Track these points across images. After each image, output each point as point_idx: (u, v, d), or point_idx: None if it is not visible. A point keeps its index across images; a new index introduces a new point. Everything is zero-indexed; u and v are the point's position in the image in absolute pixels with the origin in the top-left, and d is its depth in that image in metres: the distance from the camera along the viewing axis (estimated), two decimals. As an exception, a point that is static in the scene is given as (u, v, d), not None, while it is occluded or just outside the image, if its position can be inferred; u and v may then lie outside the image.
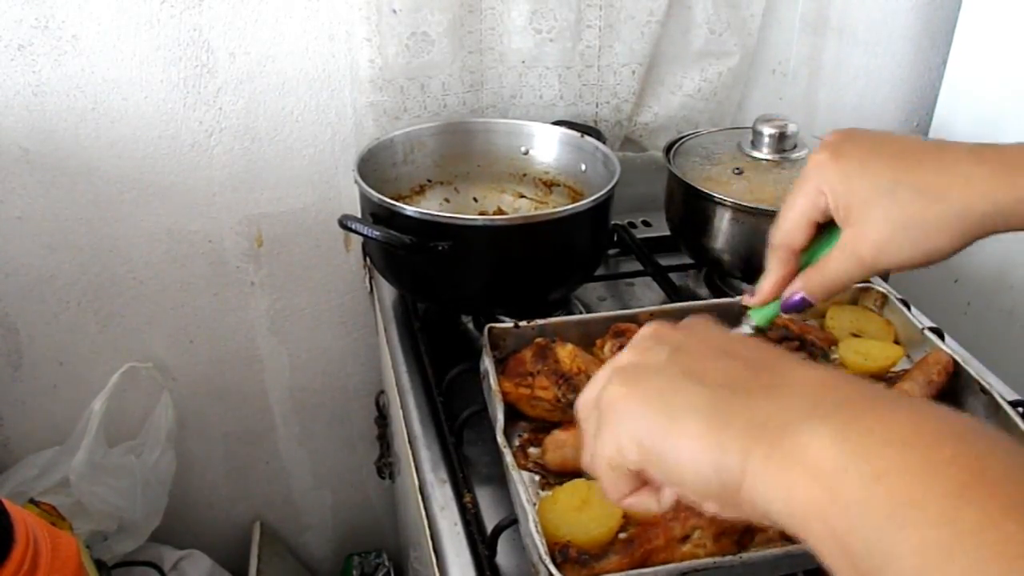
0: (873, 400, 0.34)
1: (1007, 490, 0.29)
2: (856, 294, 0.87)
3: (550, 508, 0.63)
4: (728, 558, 0.57)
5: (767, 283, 0.59)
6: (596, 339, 0.79)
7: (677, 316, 0.79)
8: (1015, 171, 0.51)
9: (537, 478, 0.69)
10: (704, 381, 0.38)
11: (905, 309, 0.84)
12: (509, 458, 0.64)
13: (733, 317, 0.78)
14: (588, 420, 0.44)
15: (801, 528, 0.33)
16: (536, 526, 0.57)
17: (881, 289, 0.86)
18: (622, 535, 0.61)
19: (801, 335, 0.79)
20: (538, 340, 0.76)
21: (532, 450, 0.72)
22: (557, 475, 0.68)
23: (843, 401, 0.34)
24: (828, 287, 0.57)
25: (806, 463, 0.32)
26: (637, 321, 0.79)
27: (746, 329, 0.61)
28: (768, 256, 0.60)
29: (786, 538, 0.60)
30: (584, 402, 0.45)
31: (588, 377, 0.71)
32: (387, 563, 1.48)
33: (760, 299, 0.60)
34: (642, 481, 0.42)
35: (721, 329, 0.45)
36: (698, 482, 0.36)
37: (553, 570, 0.55)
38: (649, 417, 0.38)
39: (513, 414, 0.72)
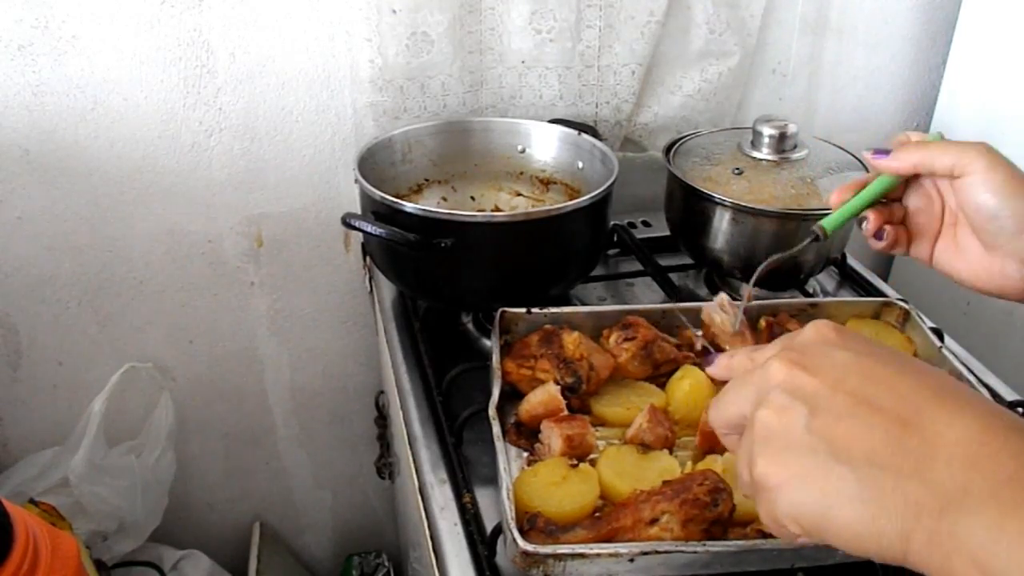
0: None
1: None
2: (878, 309, 0.85)
3: (529, 480, 0.65)
4: (692, 544, 0.57)
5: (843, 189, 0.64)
6: (604, 330, 0.79)
7: (689, 313, 0.80)
8: None
9: (525, 455, 0.71)
10: (851, 459, 0.37)
11: (924, 324, 0.82)
12: (496, 429, 0.67)
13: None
14: (729, 438, 0.47)
15: None
16: (509, 492, 0.60)
17: (904, 306, 0.84)
18: (597, 516, 0.62)
19: None
20: (546, 326, 0.78)
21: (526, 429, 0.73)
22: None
23: (1000, 483, 0.33)
24: (915, 162, 0.60)
25: (966, 553, 0.33)
26: (648, 316, 0.80)
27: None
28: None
29: (764, 535, 0.59)
30: (720, 419, 0.46)
31: (590, 364, 0.73)
32: (387, 563, 1.48)
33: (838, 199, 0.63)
34: None
35: (852, 350, 0.41)
36: (861, 555, 0.37)
37: (516, 535, 0.57)
38: (804, 505, 0.38)
39: (514, 395, 0.74)
